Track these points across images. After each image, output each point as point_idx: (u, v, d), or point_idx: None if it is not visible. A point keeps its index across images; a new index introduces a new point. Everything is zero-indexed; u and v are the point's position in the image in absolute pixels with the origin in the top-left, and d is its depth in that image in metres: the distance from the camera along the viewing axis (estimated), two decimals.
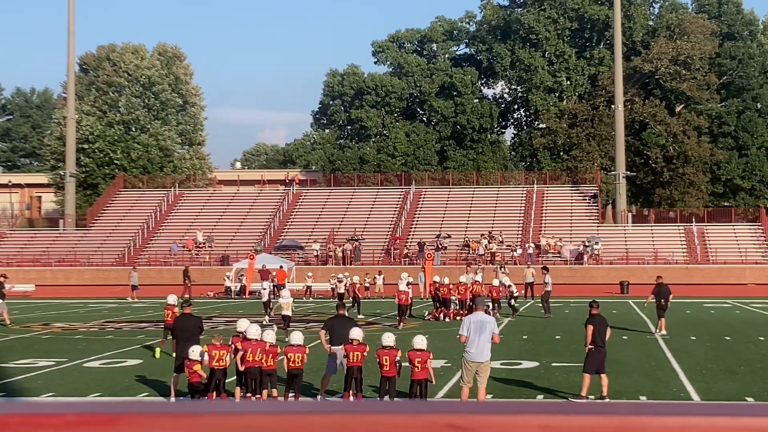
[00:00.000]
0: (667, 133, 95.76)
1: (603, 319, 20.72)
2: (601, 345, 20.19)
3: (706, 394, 20.45)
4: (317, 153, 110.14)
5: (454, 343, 24.83)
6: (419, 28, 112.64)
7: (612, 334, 32.93)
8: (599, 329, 20.29)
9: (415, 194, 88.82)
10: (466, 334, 18.14)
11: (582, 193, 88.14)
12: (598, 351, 20.09)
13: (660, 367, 24.95)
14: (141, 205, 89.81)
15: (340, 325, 20.84)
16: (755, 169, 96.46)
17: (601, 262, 75.68)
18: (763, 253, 76.87)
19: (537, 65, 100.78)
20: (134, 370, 24.93)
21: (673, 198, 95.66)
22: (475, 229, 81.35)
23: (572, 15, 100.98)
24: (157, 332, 35.42)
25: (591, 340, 20.27)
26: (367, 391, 19.60)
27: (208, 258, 78.88)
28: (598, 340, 20.17)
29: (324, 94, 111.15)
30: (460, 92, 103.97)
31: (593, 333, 20.30)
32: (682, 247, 78.08)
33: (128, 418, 1.72)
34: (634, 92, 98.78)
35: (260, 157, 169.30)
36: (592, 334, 20.31)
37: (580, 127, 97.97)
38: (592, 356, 20.12)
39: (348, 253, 77.34)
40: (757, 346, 29.94)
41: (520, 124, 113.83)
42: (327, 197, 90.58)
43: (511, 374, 23.40)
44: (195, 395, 18.58)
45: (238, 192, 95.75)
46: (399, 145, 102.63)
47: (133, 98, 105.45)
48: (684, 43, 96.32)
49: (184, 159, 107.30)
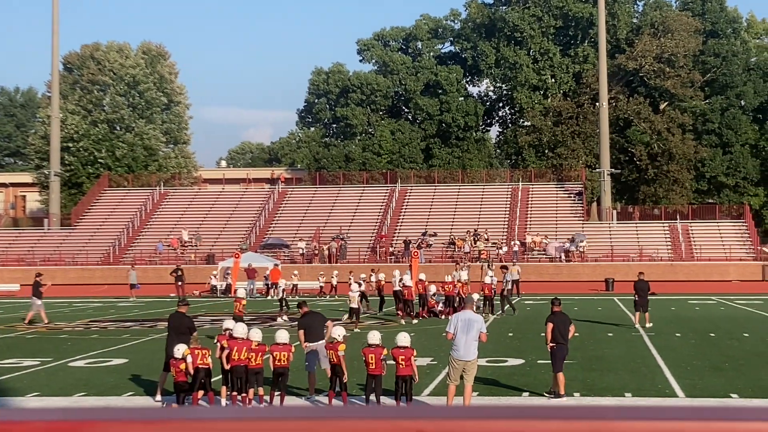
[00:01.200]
0: (652, 130, 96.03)
1: (564, 317, 20.73)
2: (563, 342, 20.22)
3: (691, 391, 20.52)
4: (302, 151, 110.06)
5: (440, 340, 24.88)
6: (404, 27, 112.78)
7: (597, 331, 33.19)
8: (560, 327, 20.33)
9: (401, 192, 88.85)
10: (453, 332, 18.16)
11: (567, 190, 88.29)
12: (560, 348, 20.14)
13: (645, 363, 25.02)
14: (126, 204, 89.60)
15: (314, 322, 21.03)
16: (739, 166, 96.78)
17: (586, 259, 75.83)
18: (747, 250, 77.14)
19: (522, 63, 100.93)
20: (120, 369, 24.88)
21: (658, 195, 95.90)
22: (460, 226, 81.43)
23: (557, 13, 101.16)
24: (143, 331, 35.39)
25: (552, 337, 20.33)
26: (353, 389, 19.63)
27: (194, 257, 78.77)
28: (558, 337, 20.22)
29: (309, 92, 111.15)
30: (445, 90, 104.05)
31: (553, 330, 20.36)
32: (667, 244, 78.29)
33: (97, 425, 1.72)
34: (619, 90, 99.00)
35: (245, 156, 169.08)
36: (552, 332, 20.37)
37: (564, 125, 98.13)
38: (555, 354, 20.18)
39: (334, 251, 77.34)
40: (741, 342, 30.04)
41: (505, 122, 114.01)
42: (312, 195, 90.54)
43: (497, 372, 23.43)
44: (180, 394, 18.57)
45: (224, 191, 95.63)
46: (384, 143, 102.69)
47: (117, 97, 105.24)
48: (668, 40, 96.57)
49: (169, 158, 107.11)
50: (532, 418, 1.72)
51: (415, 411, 1.82)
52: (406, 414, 1.80)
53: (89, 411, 1.78)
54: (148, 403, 19.66)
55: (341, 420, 1.73)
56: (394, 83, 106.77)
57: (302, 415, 1.82)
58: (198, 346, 19.10)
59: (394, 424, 1.69)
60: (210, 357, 18.83)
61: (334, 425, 1.69)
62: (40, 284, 41.08)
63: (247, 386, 18.69)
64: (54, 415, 1.74)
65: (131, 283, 58.33)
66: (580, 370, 23.55)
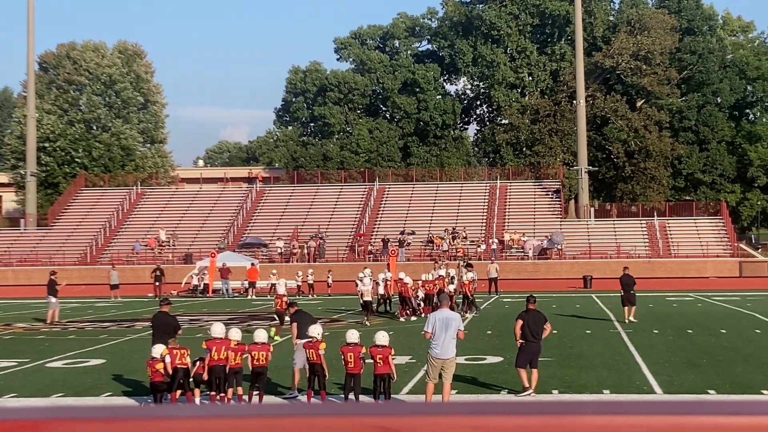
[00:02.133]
0: (629, 128, 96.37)
1: (538, 315, 20.72)
2: (533, 340, 20.22)
3: (669, 387, 20.58)
4: (280, 150, 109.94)
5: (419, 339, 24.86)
6: (381, 25, 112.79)
7: (575, 328, 33.25)
8: (530, 324, 20.33)
9: (379, 191, 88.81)
10: (432, 331, 18.16)
11: (545, 188, 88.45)
12: (528, 345, 20.15)
13: (623, 360, 25.08)
14: (103, 204, 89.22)
15: (304, 321, 21.06)
16: (716, 163, 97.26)
17: (564, 256, 75.99)
18: (724, 247, 77.48)
19: (499, 61, 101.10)
20: (97, 369, 24.78)
21: (635, 192, 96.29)
22: (438, 224, 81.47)
23: (533, 11, 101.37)
24: (121, 331, 35.25)
25: (520, 334, 20.35)
26: (331, 387, 19.60)
27: (171, 256, 78.51)
28: (528, 335, 20.23)
29: (287, 91, 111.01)
30: (422, 88, 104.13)
31: (522, 328, 20.37)
32: (644, 241, 78.54)
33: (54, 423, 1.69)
34: (596, 88, 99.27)
35: (223, 155, 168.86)
36: (520, 329, 20.38)
37: (542, 123, 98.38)
38: (523, 351, 20.21)
39: (312, 250, 77.27)
40: (718, 338, 30.16)
41: (482, 120, 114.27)
42: (290, 194, 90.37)
43: (476, 370, 23.45)
44: (157, 394, 18.51)
45: (201, 190, 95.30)
46: (362, 142, 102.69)
47: (94, 96, 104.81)
48: (644, 38, 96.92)
49: (146, 157, 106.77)
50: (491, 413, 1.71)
51: (376, 407, 1.80)
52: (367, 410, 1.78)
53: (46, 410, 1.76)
54: (126, 403, 19.55)
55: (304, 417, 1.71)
56: (372, 82, 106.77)
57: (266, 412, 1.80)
58: (176, 346, 19.06)
59: (355, 420, 1.69)
60: (189, 357, 18.79)
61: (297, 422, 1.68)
62: (55, 283, 41.09)
63: (226, 386, 18.64)
64: (8, 414, 1.71)
65: (113, 283, 57.97)
66: (558, 368, 23.59)
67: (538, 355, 20.31)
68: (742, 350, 26.95)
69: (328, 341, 20.04)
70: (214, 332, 19.11)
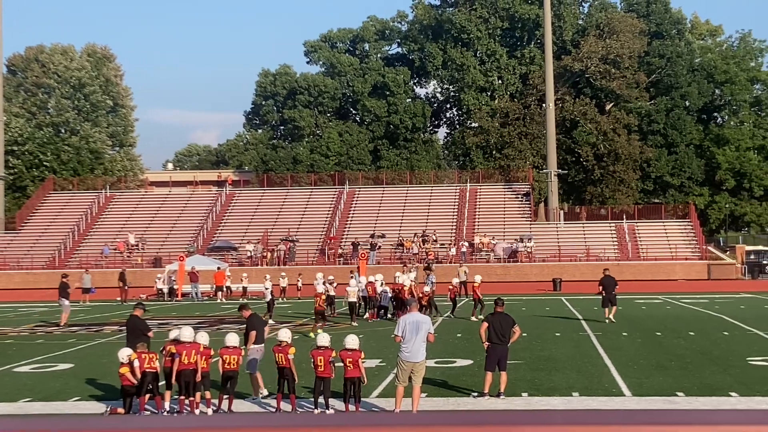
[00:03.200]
0: (598, 131, 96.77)
1: (506, 317, 20.72)
2: (499, 342, 20.22)
3: (638, 390, 20.65)
4: (250, 153, 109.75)
5: (389, 342, 24.89)
6: (351, 28, 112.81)
7: (545, 331, 33.34)
8: (496, 327, 20.33)
9: (349, 194, 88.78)
10: (402, 335, 18.17)
11: (514, 191, 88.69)
12: (494, 348, 20.17)
13: (592, 363, 25.15)
14: (71, 208, 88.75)
15: (259, 324, 21.21)
16: (684, 166, 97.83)
17: (533, 259, 76.20)
18: (693, 249, 77.91)
19: (469, 65, 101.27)
20: (65, 374, 24.63)
21: (604, 195, 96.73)
22: (409, 228, 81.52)
23: (503, 14, 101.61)
24: (89, 335, 35.05)
25: (486, 337, 20.37)
26: (301, 391, 19.55)
27: (140, 260, 78.18)
28: (494, 337, 20.24)
29: (256, 94, 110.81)
30: (392, 92, 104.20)
31: (487, 330, 20.39)
32: (614, 244, 78.86)
33: None
34: (565, 91, 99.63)
35: (192, 158, 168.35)
36: (485, 331, 20.40)
37: (512, 126, 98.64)
38: (490, 354, 20.22)
39: (282, 253, 77.16)
40: (687, 341, 30.31)
41: (452, 124, 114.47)
42: (260, 198, 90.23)
43: (446, 373, 23.46)
44: (126, 399, 18.44)
45: (170, 193, 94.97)
46: (332, 145, 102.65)
47: (62, 100, 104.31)
48: (613, 42, 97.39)
49: (114, 161, 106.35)
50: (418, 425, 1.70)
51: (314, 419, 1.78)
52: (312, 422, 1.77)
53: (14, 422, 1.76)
54: (94, 408, 19.47)
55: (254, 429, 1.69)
56: (342, 85, 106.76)
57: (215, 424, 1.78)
58: (145, 350, 18.98)
59: None
60: (157, 361, 18.72)
61: None
62: (67, 285, 41.27)
63: (195, 390, 18.56)
64: None
65: (85, 287, 57.51)
66: (527, 370, 23.64)
67: (506, 357, 20.30)
68: (710, 352, 27.09)
69: (297, 345, 20.00)
70: (183, 336, 19.03)
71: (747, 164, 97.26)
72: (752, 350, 27.44)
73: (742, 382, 21.53)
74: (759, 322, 36.32)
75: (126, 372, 18.26)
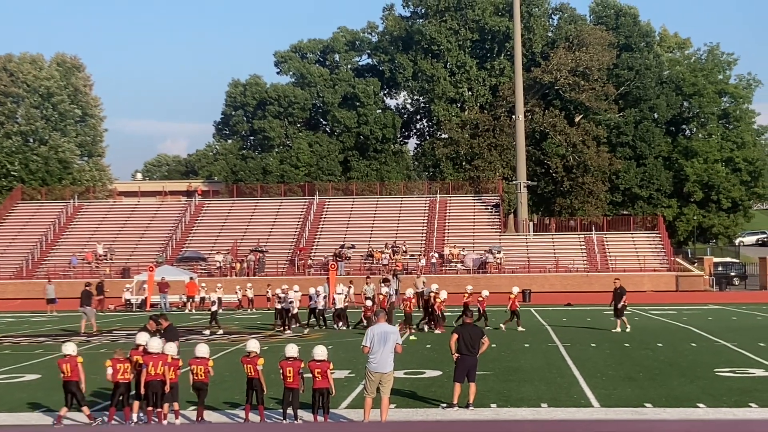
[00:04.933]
0: (567, 143, 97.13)
1: (474, 329, 20.74)
2: (468, 353, 20.25)
3: (606, 401, 20.73)
4: (220, 164, 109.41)
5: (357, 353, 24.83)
6: (321, 39, 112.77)
7: (514, 342, 33.41)
8: (465, 338, 20.35)
9: (319, 205, 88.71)
10: (370, 345, 18.18)
11: (484, 202, 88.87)
12: (463, 359, 20.20)
13: (561, 374, 25.23)
14: (39, 218, 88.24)
15: (173, 337, 21.42)
16: (653, 178, 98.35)
17: (503, 270, 76.34)
18: (661, 261, 78.27)
19: (439, 76, 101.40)
20: (32, 385, 24.49)
21: (574, 207, 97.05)
22: (379, 238, 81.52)
23: (473, 26, 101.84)
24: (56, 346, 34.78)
25: (456, 348, 20.41)
26: (270, 402, 19.51)
27: (109, 270, 77.75)
28: (463, 348, 20.27)
29: (226, 104, 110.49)
30: (362, 102, 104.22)
31: (457, 341, 20.41)
32: (583, 256, 79.09)
33: None
34: (535, 103, 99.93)
35: (162, 168, 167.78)
36: (455, 342, 20.43)
37: (481, 138, 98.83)
38: (459, 365, 20.25)
39: (251, 264, 76.97)
40: (655, 352, 30.45)
41: (422, 135, 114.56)
42: (230, 208, 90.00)
43: (415, 384, 23.47)
44: None
45: (139, 203, 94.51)
46: (302, 156, 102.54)
47: (31, 109, 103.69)
48: (582, 54, 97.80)
49: (83, 170, 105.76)
50: None
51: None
52: None
53: None
54: None
55: None
56: (312, 95, 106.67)
57: None
58: (121, 359, 18.86)
59: None
60: (130, 372, 18.65)
61: None
62: (90, 293, 42.29)
63: (162, 401, 18.49)
64: None
65: (49, 297, 57.22)
66: (496, 381, 23.69)
67: (475, 368, 20.34)
68: (678, 364, 27.23)
69: (265, 356, 19.94)
70: (151, 347, 18.95)
71: (715, 176, 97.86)
72: (720, 361, 27.61)
73: (709, 393, 21.66)
74: (726, 333, 36.55)
75: None
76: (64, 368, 18.84)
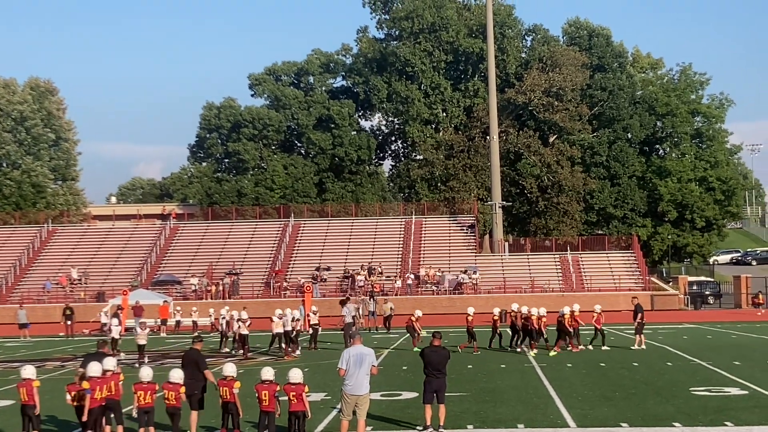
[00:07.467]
0: (542, 163, 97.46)
1: (441, 350, 20.68)
2: (435, 375, 20.19)
3: (582, 421, 20.73)
4: (194, 186, 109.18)
5: (333, 375, 24.77)
6: (296, 61, 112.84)
7: (490, 363, 33.37)
8: (433, 360, 20.27)
9: (294, 227, 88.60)
10: (345, 368, 18.13)
11: (459, 223, 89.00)
12: (429, 381, 20.15)
13: (537, 394, 25.22)
14: (13, 242, 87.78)
15: None
16: (627, 197, 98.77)
17: (479, 291, 76.38)
18: (636, 280, 78.51)
19: (413, 97, 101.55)
20: (6, 411, 24.28)
21: (549, 227, 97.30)
22: (354, 260, 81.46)
23: (447, 48, 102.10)
24: None
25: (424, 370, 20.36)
26: (245, 426, 19.40)
27: (83, 295, 77.35)
28: (432, 370, 20.20)
29: (200, 127, 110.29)
30: (337, 124, 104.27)
31: (424, 363, 20.35)
32: (558, 275, 79.26)
33: None
34: (509, 123, 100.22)
35: (136, 192, 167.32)
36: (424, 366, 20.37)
37: (456, 158, 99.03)
38: (426, 386, 20.19)
39: (227, 286, 76.74)
40: (631, 371, 30.50)
41: (397, 156, 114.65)
42: (205, 231, 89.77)
43: (391, 406, 23.40)
44: None
45: (114, 227, 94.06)
46: (277, 178, 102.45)
47: (4, 133, 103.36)
48: (556, 75, 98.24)
49: (57, 195, 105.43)
50: None
51: None
52: None
53: None
54: None
55: None
56: (287, 118, 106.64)
57: None
58: (79, 385, 18.65)
59: None
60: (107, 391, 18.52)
61: None
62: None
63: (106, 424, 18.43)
64: None
65: (21, 322, 56.96)
66: (473, 402, 23.65)
67: (443, 390, 20.26)
68: (654, 383, 27.27)
69: (241, 379, 19.84)
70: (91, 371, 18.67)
71: (689, 196, 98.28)
72: (695, 380, 27.67)
73: (685, 412, 21.68)
74: (701, 352, 36.66)
75: None
76: (22, 392, 18.66)
